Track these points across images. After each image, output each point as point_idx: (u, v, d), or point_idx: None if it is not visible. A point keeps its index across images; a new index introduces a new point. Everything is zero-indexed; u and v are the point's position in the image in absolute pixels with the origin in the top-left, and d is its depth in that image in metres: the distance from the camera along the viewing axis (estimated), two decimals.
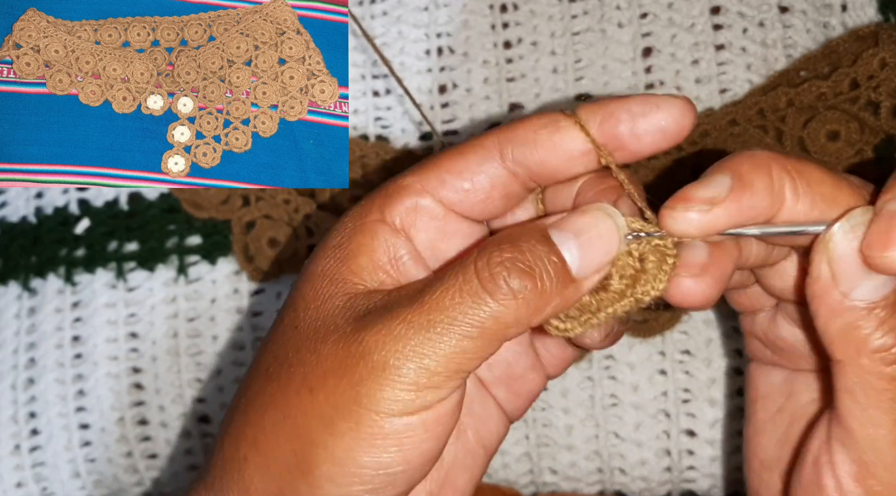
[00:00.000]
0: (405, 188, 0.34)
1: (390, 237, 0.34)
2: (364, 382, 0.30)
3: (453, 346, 0.30)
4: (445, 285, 0.30)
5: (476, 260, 0.30)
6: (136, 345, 0.52)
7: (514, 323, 0.30)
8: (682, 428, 0.49)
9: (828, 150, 0.46)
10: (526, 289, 0.30)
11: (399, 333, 0.30)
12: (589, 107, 0.33)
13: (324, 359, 0.31)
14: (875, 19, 0.48)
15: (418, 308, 0.30)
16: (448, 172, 0.34)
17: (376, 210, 0.34)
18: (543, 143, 0.33)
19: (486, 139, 0.34)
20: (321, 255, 0.34)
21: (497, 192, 0.34)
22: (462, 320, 0.30)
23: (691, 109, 0.33)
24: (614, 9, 0.50)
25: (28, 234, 0.54)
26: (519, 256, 0.30)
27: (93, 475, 0.53)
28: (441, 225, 0.35)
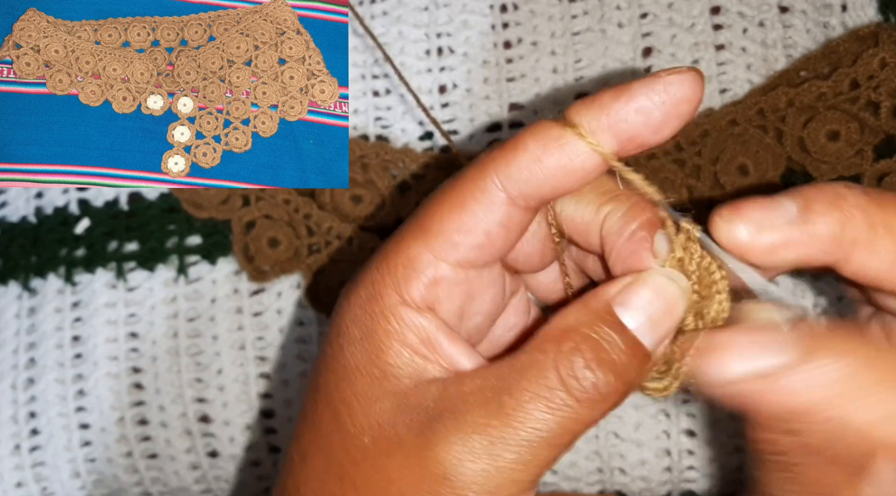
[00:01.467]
0: (416, 261, 0.31)
1: (416, 318, 0.31)
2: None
3: (542, 457, 0.28)
4: (528, 395, 0.28)
5: (557, 365, 0.28)
6: (136, 345, 0.52)
7: (600, 419, 0.29)
8: (682, 428, 0.49)
9: (828, 150, 0.46)
10: (614, 386, 0.29)
11: (482, 449, 0.28)
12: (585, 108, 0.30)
13: (395, 479, 0.29)
14: (875, 19, 0.48)
15: (498, 419, 0.28)
16: (457, 232, 0.31)
17: (391, 291, 0.31)
18: (552, 171, 0.30)
19: (486, 180, 0.30)
20: (346, 351, 0.31)
21: (512, 233, 0.32)
22: (550, 429, 0.28)
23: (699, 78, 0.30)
24: (614, 9, 0.50)
25: (28, 234, 0.54)
26: (601, 355, 0.28)
27: (93, 475, 0.53)
28: (464, 289, 0.32)
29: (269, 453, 0.52)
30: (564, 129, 0.30)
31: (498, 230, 0.31)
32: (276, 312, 0.51)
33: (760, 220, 0.29)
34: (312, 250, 0.51)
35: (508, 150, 0.30)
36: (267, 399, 0.51)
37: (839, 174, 0.46)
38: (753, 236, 0.29)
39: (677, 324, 0.30)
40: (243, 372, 0.51)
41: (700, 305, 0.31)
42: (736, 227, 0.29)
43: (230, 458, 0.52)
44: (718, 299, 0.30)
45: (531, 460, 0.28)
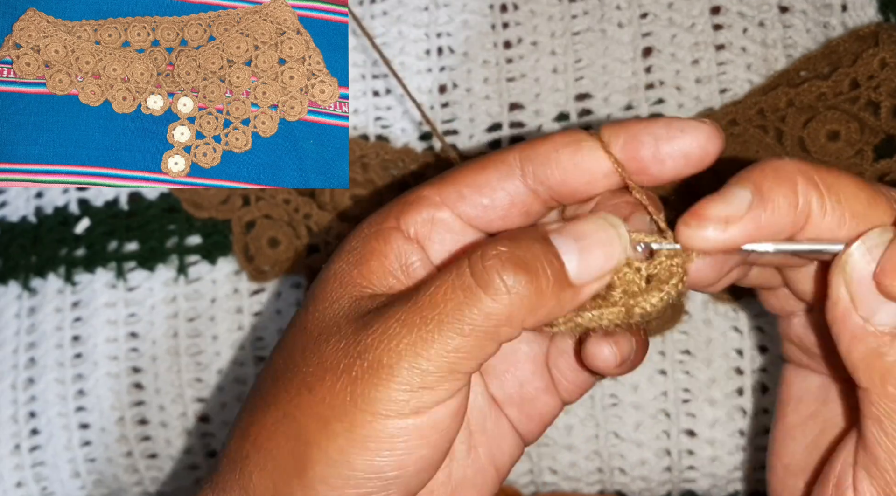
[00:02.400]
0: (423, 199, 0.34)
1: (403, 244, 0.33)
2: (359, 382, 0.30)
3: (446, 344, 0.29)
4: (439, 282, 0.30)
5: (470, 254, 0.30)
6: (136, 345, 0.52)
7: (506, 320, 0.30)
8: (682, 428, 0.49)
9: (828, 150, 0.46)
10: (520, 285, 0.29)
11: (393, 332, 0.30)
12: (612, 127, 0.33)
13: (324, 358, 0.31)
14: (875, 19, 0.48)
15: (412, 306, 0.30)
16: (467, 187, 0.33)
17: (392, 217, 0.34)
18: (565, 163, 0.32)
19: (508, 155, 0.33)
20: (336, 258, 0.34)
21: (516, 210, 0.34)
22: (454, 317, 0.29)
23: (717, 135, 0.32)
24: (614, 9, 0.50)
25: (28, 234, 0.54)
26: (516, 252, 0.30)
27: (93, 475, 0.53)
28: (458, 239, 0.34)
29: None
30: (588, 136, 0.33)
31: (503, 198, 0.33)
32: (275, 312, 0.51)
33: (724, 214, 0.30)
34: (312, 250, 0.51)
35: (539, 138, 0.33)
36: None
37: None
38: (723, 233, 0.30)
39: (611, 267, 0.31)
40: (243, 372, 0.51)
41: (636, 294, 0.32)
42: (705, 230, 0.30)
43: None
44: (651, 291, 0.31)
45: (441, 348, 0.29)
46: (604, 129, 0.33)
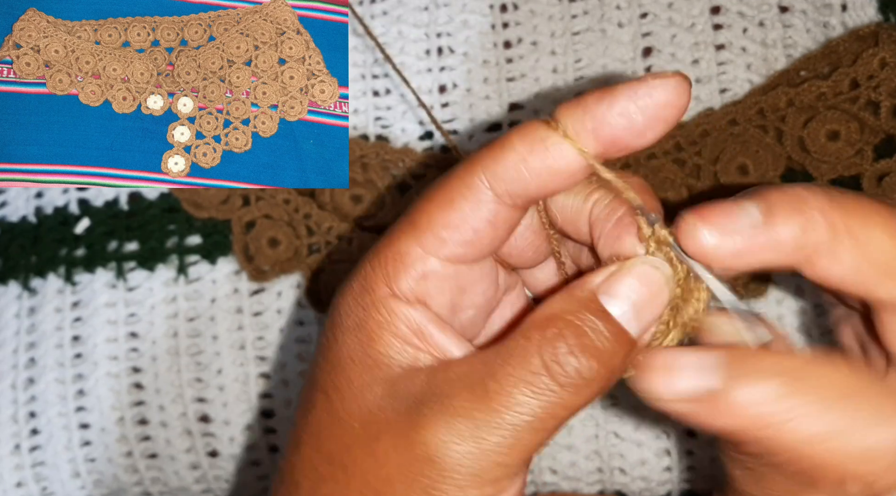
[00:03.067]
0: (405, 256, 0.32)
1: (406, 310, 0.32)
2: (437, 486, 0.29)
3: (525, 442, 0.29)
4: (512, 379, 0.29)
5: (541, 351, 0.29)
6: (136, 345, 0.52)
7: (585, 404, 0.29)
8: (682, 428, 0.49)
9: (828, 150, 0.46)
10: (597, 372, 0.29)
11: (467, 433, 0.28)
12: (571, 113, 0.30)
13: (383, 462, 0.30)
14: (875, 19, 0.48)
15: (483, 403, 0.29)
16: (445, 229, 0.31)
17: (381, 284, 0.32)
18: (538, 170, 0.30)
19: (473, 177, 0.31)
20: (339, 340, 0.32)
21: (500, 230, 0.32)
22: (534, 413, 0.28)
23: (685, 82, 0.29)
24: (614, 9, 0.50)
25: (28, 234, 0.54)
26: (584, 341, 0.29)
27: (93, 475, 0.53)
28: (453, 283, 0.33)
29: (269, 453, 0.52)
30: (550, 131, 0.30)
31: (485, 227, 0.32)
32: (276, 312, 0.51)
33: (724, 224, 0.29)
34: (312, 250, 0.51)
35: (496, 149, 0.31)
36: (267, 399, 0.51)
37: (839, 174, 0.46)
38: (717, 241, 0.29)
39: (662, 311, 0.31)
40: (243, 372, 0.51)
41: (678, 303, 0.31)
42: (700, 232, 0.29)
43: (230, 458, 0.52)
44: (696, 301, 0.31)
45: (515, 444, 0.29)
46: (562, 116, 0.30)
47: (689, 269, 0.31)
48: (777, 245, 0.29)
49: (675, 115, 0.30)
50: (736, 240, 0.29)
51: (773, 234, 0.29)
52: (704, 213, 0.30)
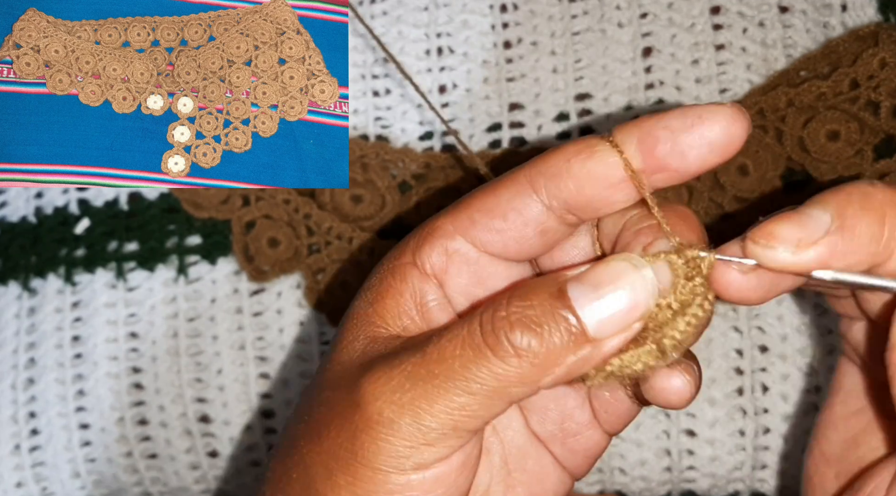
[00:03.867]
0: (437, 230, 0.32)
1: (419, 282, 0.32)
2: (360, 434, 0.29)
3: (450, 402, 0.28)
4: (449, 336, 0.28)
5: (482, 312, 0.28)
6: (136, 345, 0.52)
7: (517, 382, 0.28)
8: (682, 428, 0.49)
9: (828, 150, 0.46)
10: (530, 347, 0.28)
11: (396, 384, 0.28)
12: (625, 127, 0.30)
13: (332, 406, 0.30)
14: (875, 19, 0.48)
15: (419, 357, 0.28)
16: (478, 211, 0.31)
17: (409, 252, 0.32)
18: (577, 172, 0.30)
19: (519, 172, 0.31)
20: (357, 297, 0.33)
21: (531, 230, 0.31)
22: (461, 374, 0.28)
23: (741, 116, 0.29)
24: (614, 9, 0.50)
25: (28, 234, 0.54)
26: (526, 311, 0.28)
27: (93, 475, 0.53)
28: (475, 269, 0.32)
29: (269, 453, 0.52)
30: (602, 141, 0.30)
31: (516, 219, 0.31)
32: (276, 312, 0.51)
33: (798, 237, 0.28)
34: (312, 250, 0.51)
35: (549, 152, 0.31)
36: (267, 399, 0.51)
37: (839, 174, 0.46)
38: (796, 255, 0.28)
39: (637, 317, 0.29)
40: (243, 372, 0.51)
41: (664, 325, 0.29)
42: (775, 250, 0.28)
43: (230, 458, 0.52)
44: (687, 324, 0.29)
45: (444, 404, 0.28)
46: (617, 130, 0.30)
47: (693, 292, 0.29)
48: (856, 245, 0.28)
49: (723, 143, 0.29)
50: (816, 249, 0.28)
51: (849, 235, 0.28)
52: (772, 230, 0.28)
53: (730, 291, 0.30)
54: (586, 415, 0.34)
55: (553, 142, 0.50)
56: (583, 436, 0.34)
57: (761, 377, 0.48)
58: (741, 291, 0.30)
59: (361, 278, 0.50)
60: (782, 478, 0.49)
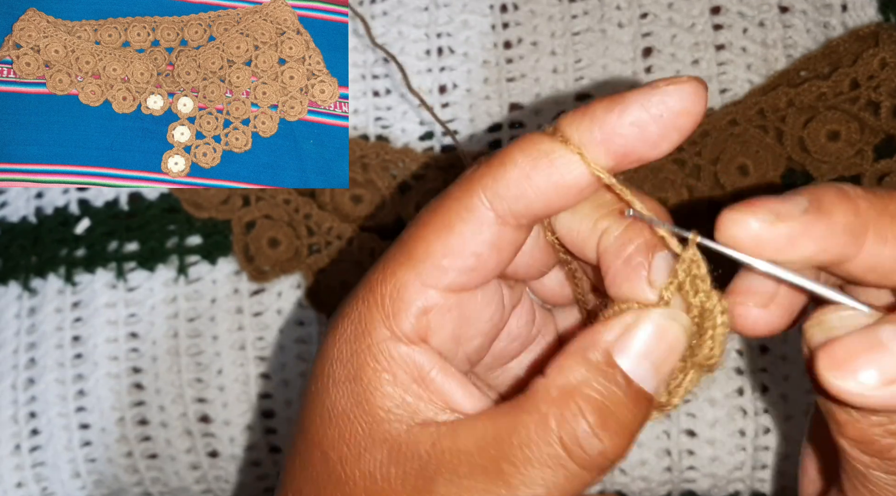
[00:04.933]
0: (403, 290, 0.29)
1: (406, 352, 0.29)
2: None
3: None
4: (528, 460, 0.27)
5: (560, 431, 0.27)
6: (136, 346, 0.52)
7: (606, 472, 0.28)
8: (682, 428, 0.49)
9: (828, 150, 0.46)
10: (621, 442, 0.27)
11: None
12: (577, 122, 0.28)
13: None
14: (875, 19, 0.48)
15: (497, 486, 0.27)
16: (445, 257, 0.29)
17: (379, 324, 0.29)
18: (542, 187, 0.28)
19: (472, 198, 0.28)
20: (332, 394, 0.29)
21: (504, 252, 0.29)
22: (559, 491, 0.27)
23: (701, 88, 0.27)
24: (614, 9, 0.50)
25: (28, 234, 0.54)
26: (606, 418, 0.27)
27: (93, 475, 0.53)
28: (456, 314, 0.30)
29: (270, 453, 0.52)
30: (555, 143, 0.28)
31: (489, 251, 0.29)
32: (276, 312, 0.51)
33: (775, 210, 0.27)
34: (312, 250, 0.51)
35: (496, 165, 0.28)
36: (267, 399, 0.51)
37: (839, 174, 0.46)
38: (769, 228, 0.27)
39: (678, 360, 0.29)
40: (243, 372, 0.51)
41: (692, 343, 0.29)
42: (748, 220, 0.27)
43: (230, 458, 0.52)
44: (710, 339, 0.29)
45: None
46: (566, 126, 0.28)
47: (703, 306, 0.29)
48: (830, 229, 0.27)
49: (690, 123, 0.27)
50: (790, 224, 0.27)
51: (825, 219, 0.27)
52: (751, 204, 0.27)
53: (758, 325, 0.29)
54: None
55: None
56: None
57: (761, 377, 0.48)
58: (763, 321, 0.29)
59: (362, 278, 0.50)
60: (782, 478, 0.49)
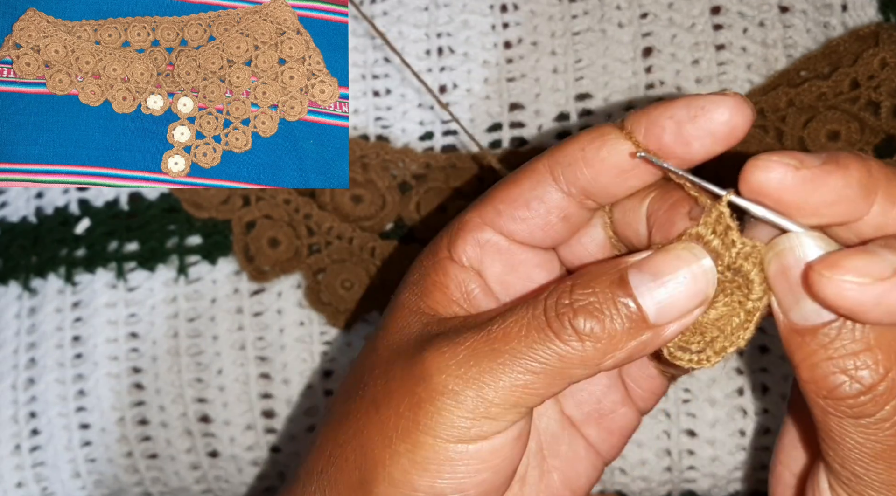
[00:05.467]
0: (467, 224, 0.34)
1: (460, 273, 0.34)
2: (423, 405, 0.30)
3: (514, 379, 0.29)
4: (514, 317, 0.30)
5: (547, 297, 0.30)
6: (136, 345, 0.52)
7: (579, 364, 0.29)
8: (682, 428, 0.49)
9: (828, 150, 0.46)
10: (592, 332, 0.29)
11: (462, 359, 0.30)
12: (635, 115, 0.31)
13: (391, 378, 0.31)
14: (875, 19, 0.48)
15: (484, 336, 0.30)
16: (502, 202, 0.33)
17: (444, 248, 0.34)
18: (591, 160, 0.32)
19: (538, 162, 0.33)
20: (403, 291, 0.35)
21: (555, 217, 0.33)
22: (526, 354, 0.29)
23: (744, 106, 0.30)
24: (614, 9, 0.50)
25: (28, 234, 0.54)
26: (590, 298, 0.29)
27: (93, 475, 0.53)
28: (506, 258, 0.34)
29: (270, 453, 0.52)
30: (613, 128, 0.32)
31: (538, 207, 0.33)
32: (276, 312, 0.51)
33: (798, 157, 0.28)
34: (312, 250, 0.51)
35: (565, 141, 0.33)
36: (267, 399, 0.51)
37: None
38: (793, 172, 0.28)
39: (698, 304, 0.29)
40: (243, 372, 0.51)
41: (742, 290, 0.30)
42: (773, 166, 0.28)
43: (230, 458, 0.52)
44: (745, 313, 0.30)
45: (505, 381, 0.29)
46: (628, 117, 0.32)
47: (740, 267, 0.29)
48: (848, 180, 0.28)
49: (726, 132, 0.30)
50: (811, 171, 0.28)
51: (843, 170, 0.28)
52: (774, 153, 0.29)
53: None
54: (619, 394, 0.36)
55: (553, 142, 0.50)
56: (617, 415, 0.36)
57: (761, 377, 0.48)
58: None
59: (362, 278, 0.50)
60: None
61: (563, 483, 0.36)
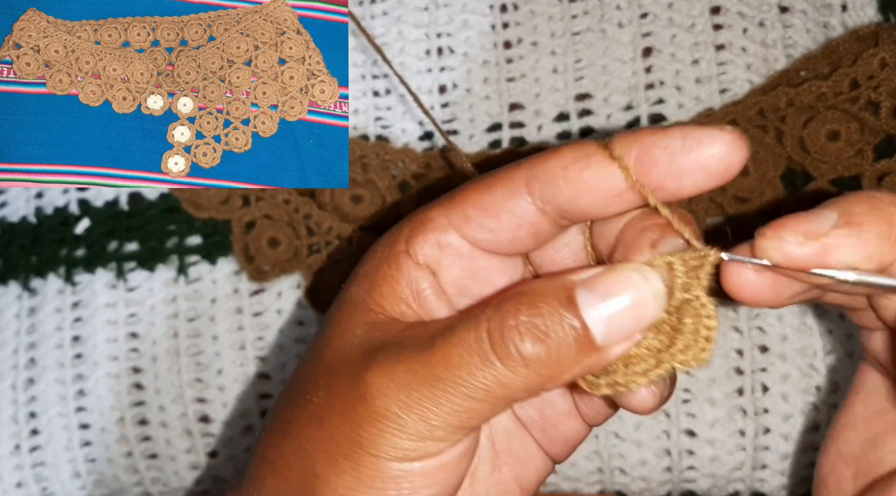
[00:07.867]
0: (430, 222, 0.32)
1: (414, 271, 0.32)
2: (364, 426, 0.29)
3: (456, 406, 0.29)
4: (456, 339, 0.29)
5: (489, 318, 0.28)
6: (136, 345, 0.52)
7: (523, 389, 0.28)
8: (682, 428, 0.49)
9: (828, 150, 0.46)
10: (539, 357, 0.28)
11: (402, 382, 0.29)
12: (624, 139, 0.30)
13: (333, 393, 0.31)
14: (875, 19, 0.48)
15: (426, 359, 0.29)
16: (472, 208, 0.32)
17: (402, 241, 0.33)
18: (573, 181, 0.30)
19: (515, 172, 0.31)
20: (352, 283, 0.33)
21: (525, 231, 0.32)
22: (468, 381, 0.28)
23: (739, 144, 0.29)
24: (614, 9, 0.50)
25: (28, 234, 0.54)
26: (535, 320, 0.28)
27: (93, 475, 0.53)
28: (468, 263, 0.33)
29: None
30: (599, 149, 0.30)
31: (509, 220, 0.31)
32: (276, 312, 0.51)
33: (805, 229, 0.28)
34: (312, 250, 0.51)
35: (546, 154, 0.31)
36: (267, 399, 0.51)
37: (839, 174, 0.46)
38: (803, 247, 0.28)
39: (643, 327, 0.29)
40: (243, 372, 0.51)
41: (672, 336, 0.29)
42: (783, 241, 0.28)
43: (230, 458, 0.52)
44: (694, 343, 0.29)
45: (445, 404, 0.29)
46: (616, 141, 0.30)
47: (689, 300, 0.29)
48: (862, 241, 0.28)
49: (720, 169, 0.29)
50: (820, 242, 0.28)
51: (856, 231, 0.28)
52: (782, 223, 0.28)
53: (744, 292, 0.30)
54: (567, 405, 0.35)
55: (553, 142, 0.50)
56: (563, 426, 0.35)
57: (761, 377, 0.48)
58: (756, 291, 0.30)
59: None
60: (782, 478, 0.49)
61: (514, 479, 0.35)
